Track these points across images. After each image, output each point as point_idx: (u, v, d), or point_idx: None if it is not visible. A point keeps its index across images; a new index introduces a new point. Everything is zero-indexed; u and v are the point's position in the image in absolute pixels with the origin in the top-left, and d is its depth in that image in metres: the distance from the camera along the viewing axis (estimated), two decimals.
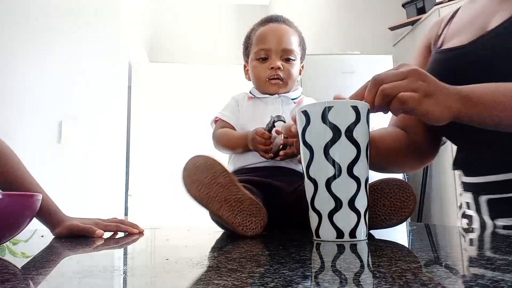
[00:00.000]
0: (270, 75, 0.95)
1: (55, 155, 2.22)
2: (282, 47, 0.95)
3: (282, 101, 0.96)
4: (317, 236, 0.57)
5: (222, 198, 0.63)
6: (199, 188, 0.62)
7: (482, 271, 0.34)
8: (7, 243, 0.62)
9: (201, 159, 0.64)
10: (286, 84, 0.96)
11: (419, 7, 3.04)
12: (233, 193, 0.63)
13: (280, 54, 0.95)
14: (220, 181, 0.63)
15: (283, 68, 0.95)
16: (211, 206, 0.62)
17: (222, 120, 0.99)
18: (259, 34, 0.99)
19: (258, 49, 0.97)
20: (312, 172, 0.56)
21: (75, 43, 2.33)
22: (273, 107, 0.95)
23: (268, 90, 0.97)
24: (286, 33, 0.97)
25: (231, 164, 0.96)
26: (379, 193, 0.63)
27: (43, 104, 2.26)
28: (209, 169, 0.63)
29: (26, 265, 0.47)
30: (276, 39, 0.96)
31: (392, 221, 0.63)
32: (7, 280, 0.36)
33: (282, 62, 0.95)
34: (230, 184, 0.63)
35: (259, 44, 0.97)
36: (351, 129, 0.54)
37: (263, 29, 0.99)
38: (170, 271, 0.38)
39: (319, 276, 0.34)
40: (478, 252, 0.47)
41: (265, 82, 0.96)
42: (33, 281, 0.37)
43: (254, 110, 0.97)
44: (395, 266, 0.36)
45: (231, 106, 1.00)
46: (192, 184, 0.62)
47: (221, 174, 0.63)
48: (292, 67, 0.97)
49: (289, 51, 0.96)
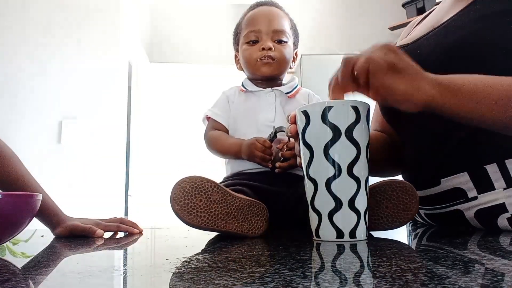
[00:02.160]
0: (261, 55, 0.90)
1: (55, 155, 2.22)
2: (273, 28, 0.91)
3: (276, 95, 0.92)
4: (317, 236, 0.57)
5: (223, 214, 0.61)
6: (199, 215, 0.59)
7: (482, 270, 0.34)
8: (7, 243, 0.62)
9: (186, 183, 0.59)
10: (278, 65, 0.91)
11: (419, 7, 3.04)
12: (231, 203, 0.62)
13: (271, 35, 0.91)
14: (215, 197, 0.60)
15: (275, 48, 0.90)
16: (217, 227, 0.61)
17: (213, 119, 0.94)
18: (249, 17, 0.95)
19: (247, 32, 0.93)
20: (312, 172, 0.57)
21: (75, 44, 2.32)
22: (266, 101, 0.91)
23: (260, 72, 0.92)
24: (276, 15, 0.94)
25: (228, 168, 0.93)
26: (382, 195, 0.63)
27: (43, 104, 2.26)
28: (200, 191, 0.60)
29: (26, 265, 0.47)
30: (266, 21, 0.92)
31: (395, 224, 0.63)
32: (7, 280, 0.36)
33: (273, 43, 0.91)
34: (225, 196, 0.62)
35: (249, 27, 0.93)
36: (351, 129, 0.54)
37: (252, 12, 0.95)
38: (170, 271, 0.38)
39: (319, 276, 0.34)
40: (477, 252, 0.47)
41: (256, 63, 0.91)
42: (33, 281, 0.37)
43: (246, 105, 0.93)
44: (395, 266, 0.36)
45: (222, 103, 0.95)
46: (189, 215, 0.59)
47: (214, 190, 0.61)
48: (284, 48, 0.92)
49: (281, 32, 0.92)
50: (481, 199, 0.65)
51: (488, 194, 0.65)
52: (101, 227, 0.76)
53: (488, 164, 0.64)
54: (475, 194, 0.66)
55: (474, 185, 0.66)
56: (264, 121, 0.89)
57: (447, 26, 0.70)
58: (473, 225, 0.68)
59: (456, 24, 0.69)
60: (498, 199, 0.64)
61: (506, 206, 0.63)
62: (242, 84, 0.96)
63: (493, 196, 0.64)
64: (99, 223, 0.79)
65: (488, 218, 0.65)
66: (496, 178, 0.64)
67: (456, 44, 0.66)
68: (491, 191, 0.64)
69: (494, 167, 0.64)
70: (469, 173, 0.66)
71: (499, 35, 0.62)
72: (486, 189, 0.65)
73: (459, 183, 0.67)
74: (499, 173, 0.64)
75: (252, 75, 0.95)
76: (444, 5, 0.78)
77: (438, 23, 0.74)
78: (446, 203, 0.70)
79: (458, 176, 0.67)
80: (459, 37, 0.66)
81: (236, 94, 0.95)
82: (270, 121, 0.89)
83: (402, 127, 0.79)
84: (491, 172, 0.64)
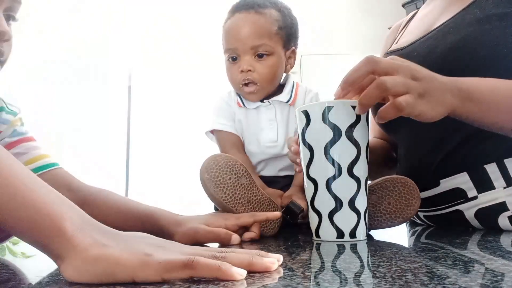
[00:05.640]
0: (242, 79, 0.82)
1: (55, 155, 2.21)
2: (250, 45, 0.81)
3: (275, 108, 0.85)
4: (317, 236, 0.57)
5: (245, 200, 0.63)
6: (224, 191, 0.61)
7: (482, 270, 0.34)
8: (7, 243, 0.62)
9: (222, 158, 0.62)
10: (262, 87, 0.82)
11: (419, 7, 3.03)
12: (254, 194, 0.64)
13: (251, 52, 0.81)
14: (243, 182, 0.63)
15: (255, 69, 0.81)
16: (236, 209, 0.62)
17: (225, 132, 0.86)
18: (224, 31, 0.86)
19: (226, 49, 0.85)
20: (312, 172, 0.56)
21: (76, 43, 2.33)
22: (266, 118, 0.85)
23: (246, 97, 0.85)
24: (254, 25, 0.82)
25: None
26: (384, 191, 0.63)
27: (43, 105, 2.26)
28: (232, 170, 0.62)
29: (26, 265, 0.47)
30: (242, 36, 0.81)
31: (398, 219, 0.63)
32: (7, 280, 0.36)
33: (254, 61, 0.82)
34: (251, 185, 0.64)
35: (226, 43, 0.85)
36: (352, 129, 0.54)
37: (229, 23, 0.85)
38: None
39: (319, 276, 0.34)
40: (477, 252, 0.47)
41: (240, 88, 0.83)
42: (33, 281, 0.37)
43: (246, 121, 0.86)
44: (395, 266, 0.36)
45: (226, 111, 0.87)
46: (216, 187, 0.61)
47: (243, 175, 0.63)
48: (267, 65, 0.82)
49: (259, 46, 0.81)
50: (481, 199, 0.66)
51: (488, 193, 0.65)
52: (231, 225, 0.59)
53: (487, 163, 0.65)
54: (475, 194, 0.66)
55: (474, 184, 0.66)
56: (267, 142, 0.84)
57: (444, 29, 0.70)
58: (473, 225, 0.68)
59: (453, 26, 0.69)
60: (498, 198, 0.64)
61: (507, 205, 0.64)
62: (238, 96, 0.87)
63: (493, 195, 0.65)
64: (227, 218, 0.60)
65: (489, 217, 0.66)
66: (495, 177, 0.64)
67: (453, 47, 0.66)
68: (491, 190, 0.65)
69: (493, 167, 0.65)
70: (469, 173, 0.66)
71: (496, 38, 0.63)
72: (486, 189, 0.65)
73: (458, 183, 0.68)
74: (499, 172, 0.64)
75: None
76: (435, 9, 0.78)
77: (432, 27, 0.74)
78: (446, 204, 0.70)
79: (458, 177, 0.67)
80: (456, 40, 0.66)
81: (235, 104, 0.87)
82: (273, 141, 0.84)
83: (398, 131, 0.79)
84: (491, 171, 0.65)
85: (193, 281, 0.32)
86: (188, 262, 0.32)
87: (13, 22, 0.60)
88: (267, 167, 0.87)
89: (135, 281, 0.31)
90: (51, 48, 3.00)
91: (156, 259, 0.32)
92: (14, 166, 0.35)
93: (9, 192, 0.33)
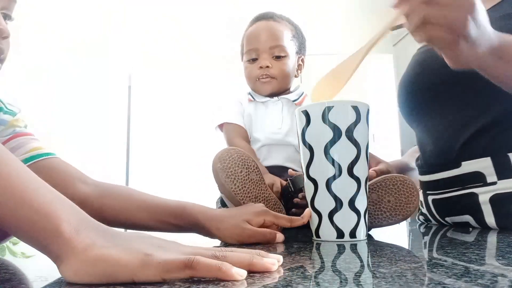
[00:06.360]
0: (259, 74, 0.94)
1: None
2: (269, 45, 0.94)
3: (283, 103, 0.95)
4: (317, 236, 0.57)
5: (253, 195, 0.64)
6: (235, 182, 0.63)
7: (482, 270, 0.34)
8: (7, 243, 0.62)
9: (235, 152, 0.64)
10: (277, 82, 0.95)
11: None
12: (262, 190, 0.66)
13: (269, 52, 0.94)
14: (252, 177, 0.64)
15: (273, 66, 0.94)
16: (244, 201, 0.63)
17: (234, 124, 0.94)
18: (247, 35, 0.99)
19: (247, 50, 0.97)
20: (312, 172, 0.57)
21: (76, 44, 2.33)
22: (274, 110, 0.95)
23: (260, 90, 0.96)
24: (273, 30, 0.96)
25: None
26: (384, 189, 0.64)
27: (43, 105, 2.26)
28: (243, 164, 0.63)
29: (26, 265, 0.47)
30: (263, 38, 0.95)
31: (398, 217, 0.63)
32: (7, 280, 0.36)
33: (272, 60, 0.94)
34: (260, 182, 0.66)
35: (248, 45, 0.97)
36: (351, 129, 0.54)
37: (251, 29, 0.99)
38: None
39: (319, 276, 0.34)
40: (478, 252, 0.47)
41: (256, 82, 0.95)
42: (33, 281, 0.37)
43: (255, 114, 0.96)
44: (395, 266, 0.36)
45: (237, 107, 0.98)
46: (227, 177, 0.62)
47: (254, 171, 0.65)
48: (283, 64, 0.95)
49: (278, 48, 0.94)
50: (501, 185, 0.66)
51: (509, 181, 0.66)
52: (269, 221, 0.58)
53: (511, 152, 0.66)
54: (494, 180, 0.67)
55: (496, 170, 0.67)
56: (272, 128, 0.92)
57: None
58: (483, 210, 0.68)
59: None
60: None
61: None
62: (249, 93, 0.99)
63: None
64: (260, 214, 0.59)
65: (503, 203, 0.66)
66: None
67: None
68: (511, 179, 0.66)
69: None
70: (492, 158, 0.67)
71: None
72: (507, 176, 0.66)
73: (480, 168, 0.68)
74: None
75: (255, 92, 0.99)
76: None
77: None
78: (463, 185, 0.71)
79: (481, 161, 0.68)
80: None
81: (246, 102, 0.98)
82: (277, 128, 0.92)
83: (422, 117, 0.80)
84: None
85: (193, 281, 0.32)
86: (188, 262, 0.31)
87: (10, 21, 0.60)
88: (271, 155, 0.92)
89: (135, 282, 0.31)
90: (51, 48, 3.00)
91: (156, 259, 0.32)
92: (13, 165, 0.35)
93: (7, 192, 0.32)
